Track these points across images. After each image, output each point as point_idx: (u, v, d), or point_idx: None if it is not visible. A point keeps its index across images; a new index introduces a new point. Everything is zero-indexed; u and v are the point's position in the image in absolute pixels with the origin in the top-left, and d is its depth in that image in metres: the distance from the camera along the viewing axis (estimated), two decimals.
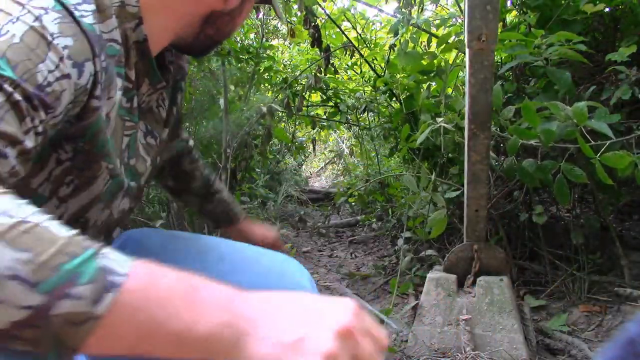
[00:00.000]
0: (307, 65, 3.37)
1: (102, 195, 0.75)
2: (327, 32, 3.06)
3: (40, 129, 0.54)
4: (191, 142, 1.15)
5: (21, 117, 0.51)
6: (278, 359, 0.45)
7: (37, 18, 0.56)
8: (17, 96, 0.50)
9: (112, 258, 0.44)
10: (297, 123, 4.05)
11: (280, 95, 3.14)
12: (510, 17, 2.44)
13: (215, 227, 1.29)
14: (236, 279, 0.96)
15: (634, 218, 2.58)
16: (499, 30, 1.79)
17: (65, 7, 0.59)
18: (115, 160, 0.74)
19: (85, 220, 0.76)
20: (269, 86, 3.67)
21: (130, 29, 0.71)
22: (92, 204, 0.75)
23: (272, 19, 3.52)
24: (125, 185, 0.79)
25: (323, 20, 2.94)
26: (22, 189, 0.65)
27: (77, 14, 0.60)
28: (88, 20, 0.61)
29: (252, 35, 3.45)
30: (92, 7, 0.63)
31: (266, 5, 2.83)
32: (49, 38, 0.56)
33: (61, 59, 0.57)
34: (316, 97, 3.72)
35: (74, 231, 0.45)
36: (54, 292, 0.41)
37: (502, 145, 2.08)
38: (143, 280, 0.45)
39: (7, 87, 0.50)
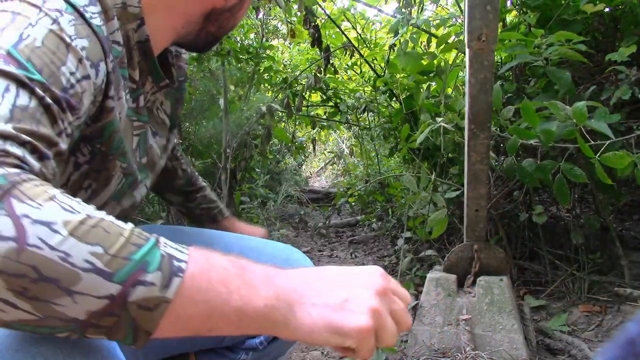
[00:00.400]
0: (307, 65, 3.36)
1: (116, 194, 0.76)
2: (327, 32, 3.06)
3: (69, 130, 0.55)
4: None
5: (53, 120, 0.52)
6: (330, 319, 0.50)
7: (55, 21, 0.56)
8: (48, 99, 0.51)
9: (171, 246, 0.48)
10: (297, 123, 4.04)
11: (280, 95, 3.14)
12: (510, 17, 2.44)
13: (199, 226, 1.25)
14: None
15: (634, 218, 2.58)
16: (499, 30, 1.78)
17: (76, 9, 0.60)
18: (129, 159, 0.75)
19: None
20: (269, 86, 3.67)
21: (133, 29, 0.71)
22: (106, 203, 0.76)
23: (272, 19, 3.52)
24: (138, 182, 0.81)
25: (323, 20, 2.94)
26: None
27: (87, 15, 0.61)
28: (96, 21, 0.62)
29: (252, 35, 3.45)
30: (98, 8, 0.64)
31: (266, 5, 2.83)
32: (68, 40, 0.56)
33: (80, 60, 0.57)
34: (316, 97, 3.71)
35: (132, 224, 0.48)
36: (128, 280, 0.43)
37: (502, 145, 2.08)
38: (202, 263, 0.48)
39: (39, 91, 0.51)
